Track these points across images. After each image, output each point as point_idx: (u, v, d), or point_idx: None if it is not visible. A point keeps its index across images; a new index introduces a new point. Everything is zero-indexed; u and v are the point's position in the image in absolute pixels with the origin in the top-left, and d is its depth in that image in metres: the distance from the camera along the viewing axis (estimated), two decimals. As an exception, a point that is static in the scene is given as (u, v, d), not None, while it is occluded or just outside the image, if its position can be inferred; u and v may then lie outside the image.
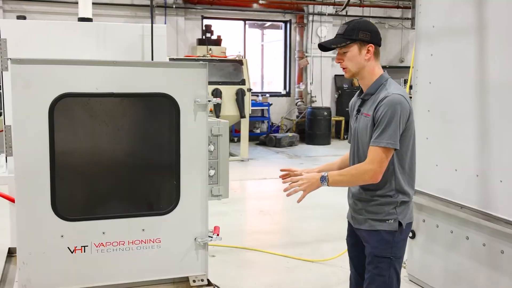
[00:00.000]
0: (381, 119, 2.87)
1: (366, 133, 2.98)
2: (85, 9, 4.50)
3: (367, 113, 2.99)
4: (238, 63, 11.96)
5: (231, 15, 15.21)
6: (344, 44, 2.97)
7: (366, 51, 2.98)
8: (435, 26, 4.60)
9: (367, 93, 3.04)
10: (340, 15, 15.86)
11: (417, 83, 4.83)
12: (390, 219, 3.00)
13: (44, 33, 4.06)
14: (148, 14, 14.06)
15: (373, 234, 3.03)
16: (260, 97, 14.94)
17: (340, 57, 3.03)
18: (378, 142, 2.86)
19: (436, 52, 4.61)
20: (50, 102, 2.66)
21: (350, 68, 3.02)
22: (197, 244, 3.00)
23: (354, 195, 3.14)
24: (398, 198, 3.01)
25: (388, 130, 2.85)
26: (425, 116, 4.71)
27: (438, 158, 4.54)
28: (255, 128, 15.25)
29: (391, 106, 2.86)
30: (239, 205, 8.01)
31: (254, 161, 11.88)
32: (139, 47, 4.30)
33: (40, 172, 2.69)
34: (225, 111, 11.51)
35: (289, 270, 5.37)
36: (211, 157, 3.11)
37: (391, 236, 3.00)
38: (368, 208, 3.04)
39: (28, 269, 2.75)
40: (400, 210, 3.01)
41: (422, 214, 4.78)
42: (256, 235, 6.63)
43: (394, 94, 2.89)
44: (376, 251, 3.02)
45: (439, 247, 4.60)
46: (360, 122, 3.06)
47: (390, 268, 3.02)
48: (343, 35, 2.97)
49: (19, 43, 3.90)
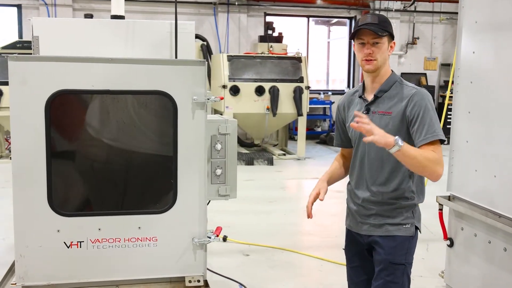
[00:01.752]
0: (421, 113, 2.72)
1: (388, 133, 2.68)
2: (118, 7, 4.56)
3: (388, 111, 2.82)
4: (296, 60, 11.83)
5: (294, 11, 15.07)
6: (381, 34, 2.77)
7: (390, 47, 2.88)
8: (478, 21, 4.31)
9: (381, 90, 2.87)
10: (409, 10, 15.37)
11: (458, 83, 4.55)
12: (407, 223, 2.88)
13: (75, 31, 4.14)
14: (211, 11, 14.21)
15: (389, 239, 2.88)
16: (322, 95, 14.74)
17: (371, 47, 2.79)
18: (436, 135, 2.70)
19: (478, 50, 4.32)
20: (46, 98, 2.70)
21: (379, 61, 2.82)
22: (195, 244, 2.95)
23: (365, 199, 2.95)
24: (415, 200, 2.90)
25: (435, 122, 2.73)
26: (465, 118, 4.43)
27: (477, 162, 4.26)
28: (316, 126, 15.06)
29: (426, 98, 2.77)
30: (285, 204, 7.91)
31: (310, 160, 11.73)
32: (167, 44, 4.29)
33: (37, 167, 2.73)
34: (282, 109, 11.43)
35: (322, 274, 5.23)
36: (218, 156, 3.06)
37: (407, 242, 2.89)
38: (385, 212, 2.89)
39: (25, 262, 2.81)
40: (416, 214, 2.92)
41: (461, 221, 4.50)
42: (295, 236, 6.52)
43: (421, 88, 2.83)
44: (391, 257, 2.87)
45: (477, 258, 4.31)
46: (375, 122, 2.76)
47: (404, 275, 2.90)
48: (379, 25, 2.77)
49: (51, 41, 3.99)
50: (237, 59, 11.67)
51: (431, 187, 5.70)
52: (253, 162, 11.01)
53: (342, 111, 3.07)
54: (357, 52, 2.86)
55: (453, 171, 4.56)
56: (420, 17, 15.79)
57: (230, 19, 14.19)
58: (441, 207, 4.61)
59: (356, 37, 2.82)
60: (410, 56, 15.74)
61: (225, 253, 5.65)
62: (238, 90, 11.24)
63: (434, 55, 16.01)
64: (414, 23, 15.68)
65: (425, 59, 15.93)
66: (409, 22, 15.62)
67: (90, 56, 2.80)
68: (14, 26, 13.73)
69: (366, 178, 2.94)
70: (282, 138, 13.22)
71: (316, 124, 15.10)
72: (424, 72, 15.86)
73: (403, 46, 15.61)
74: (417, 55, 15.88)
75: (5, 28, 13.88)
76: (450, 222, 4.65)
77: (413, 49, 15.80)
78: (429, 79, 15.84)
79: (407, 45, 15.64)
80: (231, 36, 14.28)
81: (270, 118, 11.44)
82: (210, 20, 14.21)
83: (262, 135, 12.43)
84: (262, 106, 11.37)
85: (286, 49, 12.86)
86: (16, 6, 13.55)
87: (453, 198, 4.57)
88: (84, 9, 13.44)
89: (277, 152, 12.11)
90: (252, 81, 11.43)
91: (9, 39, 12.04)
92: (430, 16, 15.82)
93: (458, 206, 4.45)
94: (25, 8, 13.51)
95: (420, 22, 15.82)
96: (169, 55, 4.18)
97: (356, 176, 3.00)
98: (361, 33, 2.79)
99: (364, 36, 2.79)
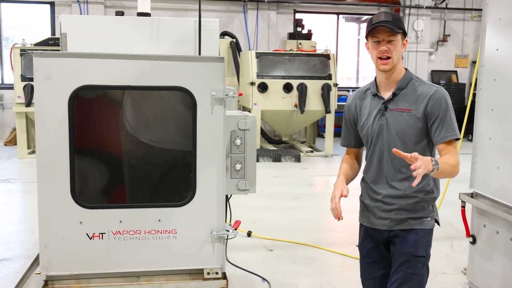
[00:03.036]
0: (444, 113, 2.81)
1: (409, 129, 2.83)
2: (144, 4, 4.63)
3: (408, 108, 2.84)
4: (325, 57, 11.81)
5: (323, 8, 15.03)
6: (397, 31, 2.79)
7: (403, 45, 2.88)
8: (502, 18, 4.27)
9: (399, 88, 2.89)
10: (440, 7, 15.18)
11: (482, 80, 4.53)
12: (428, 216, 2.95)
13: (102, 28, 4.22)
14: (241, 8, 14.28)
15: (411, 233, 2.94)
16: (350, 92, 14.67)
17: (386, 45, 2.81)
18: (456, 134, 2.82)
19: (502, 47, 4.29)
20: (70, 93, 2.79)
21: (394, 59, 2.83)
22: (213, 237, 3.02)
23: (386, 195, 2.96)
24: (434, 194, 2.96)
25: (454, 121, 2.83)
26: (488, 115, 4.41)
27: (500, 160, 4.23)
28: (344, 123, 15.00)
29: (445, 97, 2.84)
30: (311, 201, 7.92)
31: (338, 157, 11.69)
32: (192, 41, 4.35)
33: (60, 161, 2.83)
34: (309, 106, 11.44)
35: (344, 270, 5.25)
36: (238, 151, 3.12)
37: (428, 235, 2.97)
38: (407, 206, 2.93)
39: (49, 252, 2.91)
40: (435, 208, 2.99)
41: (483, 218, 4.48)
42: (319, 232, 6.53)
43: (440, 87, 2.87)
44: (414, 250, 2.93)
45: (499, 255, 4.29)
46: (394, 119, 2.86)
47: (424, 267, 2.96)
48: (393, 23, 2.78)
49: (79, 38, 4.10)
50: (265, 56, 11.72)
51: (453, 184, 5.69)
52: (280, 159, 11.05)
53: (353, 110, 3.07)
54: (372, 50, 2.86)
55: (476, 168, 4.53)
56: (451, 14, 15.55)
57: (259, 16, 14.25)
58: (464, 204, 4.60)
59: (371, 35, 2.83)
60: (441, 54, 15.52)
61: (249, 248, 5.71)
62: (266, 87, 11.29)
63: (465, 52, 15.76)
64: (445, 20, 15.46)
65: (456, 57, 15.69)
66: (440, 19, 15.40)
67: (112, 53, 2.89)
68: (47, 23, 14.04)
69: (386, 174, 2.96)
70: (310, 135, 13.22)
71: (344, 121, 15.04)
72: (455, 70, 15.63)
73: (433, 43, 15.40)
74: (448, 53, 15.65)
75: (39, 25, 14.20)
76: (473, 219, 4.63)
77: (444, 46, 15.58)
78: (460, 77, 15.61)
79: (438, 42, 15.43)
80: (260, 33, 14.33)
81: (298, 115, 11.46)
82: (240, 17, 14.28)
83: (290, 132, 12.46)
84: (290, 103, 11.40)
85: (315, 46, 12.84)
86: (49, 3, 13.85)
87: (476, 195, 4.55)
88: (115, 6, 13.65)
89: (305, 149, 12.12)
90: (280, 78, 11.46)
91: (43, 36, 12.31)
92: (461, 13, 15.57)
93: (481, 203, 4.43)
94: (58, 5, 13.80)
95: (451, 19, 15.59)
96: (193, 52, 4.24)
97: (373, 173, 3.03)
98: (376, 31, 2.81)
99: (379, 34, 2.80)
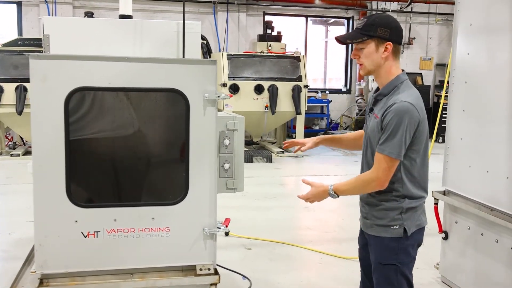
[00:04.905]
0: (387, 127, 2.78)
1: (374, 134, 2.90)
2: (125, 6, 4.67)
3: (377, 115, 2.90)
4: (295, 59, 11.99)
5: (292, 11, 15.23)
6: (361, 40, 2.85)
7: (384, 49, 2.84)
8: (473, 24, 4.49)
9: (380, 93, 2.94)
10: (405, 11, 15.54)
11: (454, 82, 4.74)
12: (395, 225, 2.90)
13: (85, 30, 4.26)
14: (211, 10, 14.35)
15: (377, 240, 2.97)
16: (319, 94, 14.90)
17: (357, 53, 2.91)
18: (383, 150, 2.79)
19: (473, 51, 4.50)
20: (65, 95, 2.85)
21: (366, 66, 2.90)
22: (205, 234, 3.11)
23: (362, 198, 3.09)
24: (404, 203, 2.90)
25: (393, 139, 2.76)
26: (460, 116, 4.62)
27: (471, 159, 4.45)
28: (313, 124, 15.22)
29: (398, 114, 2.75)
30: (285, 200, 8.07)
31: (308, 157, 11.89)
32: (174, 43, 4.42)
33: (56, 161, 2.88)
34: (280, 107, 11.60)
35: (321, 266, 5.40)
36: (227, 151, 3.22)
37: (395, 243, 2.91)
38: (374, 212, 2.98)
39: (44, 251, 2.95)
40: (406, 216, 2.91)
41: (455, 215, 4.69)
42: (295, 230, 6.69)
43: (403, 101, 2.77)
44: (381, 258, 2.96)
45: (470, 250, 4.50)
46: (370, 122, 2.98)
47: (397, 274, 2.92)
48: (361, 30, 2.85)
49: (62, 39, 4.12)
50: (236, 58, 11.82)
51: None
52: (252, 159, 11.17)
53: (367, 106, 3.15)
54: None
55: (448, 167, 4.74)
56: (416, 18, 15.97)
57: (229, 18, 14.34)
58: (437, 201, 4.80)
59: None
60: (407, 56, 15.91)
61: (227, 247, 5.80)
62: (238, 88, 11.40)
63: (429, 55, 16.20)
64: (411, 23, 15.86)
65: (420, 59, 16.12)
66: (406, 22, 15.78)
67: (107, 55, 2.96)
68: (13, 23, 13.80)
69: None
70: (281, 136, 13.38)
71: (314, 122, 15.27)
72: (420, 72, 16.05)
73: (399, 46, 15.76)
74: (413, 55, 16.07)
75: (5, 25, 13.96)
76: (445, 216, 4.83)
77: (409, 49, 15.99)
78: (424, 79, 16.03)
79: (404, 45, 15.81)
80: (230, 35, 14.43)
81: (269, 116, 11.60)
82: (210, 19, 14.35)
83: (261, 133, 12.60)
84: (261, 105, 11.53)
85: (285, 48, 13.01)
86: (16, 3, 13.64)
87: (448, 193, 4.76)
88: (84, 7, 13.55)
89: (276, 149, 12.27)
90: (252, 80, 11.59)
91: (9, 37, 12.11)
92: (426, 17, 16.01)
93: (453, 201, 4.63)
94: (25, 5, 13.60)
95: (416, 23, 16.00)
96: (176, 54, 4.32)
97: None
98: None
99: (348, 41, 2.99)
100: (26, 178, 7.36)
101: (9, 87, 10.45)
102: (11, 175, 9.45)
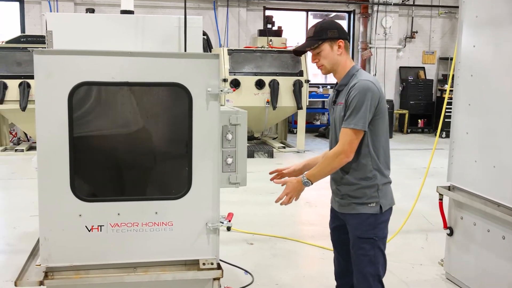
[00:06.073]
0: (351, 103, 3.07)
1: (340, 121, 3.17)
2: (127, 1, 4.66)
3: (341, 102, 3.19)
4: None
5: (293, 5, 15.19)
6: (317, 45, 3.18)
7: (338, 47, 3.19)
8: (478, 16, 4.43)
9: (341, 84, 3.25)
10: (407, 5, 15.51)
11: (459, 76, 4.68)
12: (372, 202, 3.19)
13: (87, 25, 4.24)
14: (211, 5, 14.31)
15: (355, 217, 3.23)
16: (320, 89, 14.88)
17: (315, 57, 3.25)
18: (348, 124, 3.07)
19: (478, 44, 4.45)
20: (69, 90, 2.83)
21: (326, 65, 3.23)
22: (208, 228, 3.10)
23: (336, 181, 3.31)
24: (377, 180, 3.19)
25: (357, 114, 3.04)
26: (465, 110, 4.57)
27: (477, 154, 4.40)
28: (314, 119, 15.21)
29: (361, 91, 3.06)
30: (287, 195, 8.04)
31: (310, 153, 11.88)
32: (176, 38, 4.40)
33: (60, 155, 2.87)
34: (281, 102, 11.58)
35: (323, 262, 5.38)
36: (229, 145, 3.20)
37: (373, 218, 3.20)
38: (351, 192, 3.23)
39: (49, 244, 2.95)
40: (382, 193, 3.21)
41: (461, 211, 4.65)
42: (296, 225, 6.68)
43: (363, 80, 3.11)
44: (359, 233, 3.23)
45: (476, 246, 4.46)
46: (336, 112, 3.26)
47: (374, 248, 3.22)
48: (313, 37, 3.19)
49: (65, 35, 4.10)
50: (237, 53, 11.80)
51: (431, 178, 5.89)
52: (253, 154, 11.16)
53: (329, 106, 3.50)
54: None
55: (453, 162, 4.69)
56: (419, 11, 15.91)
57: (229, 13, 14.30)
58: (441, 197, 4.76)
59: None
60: (409, 50, 15.88)
61: (230, 242, 5.80)
62: (239, 83, 11.38)
63: (432, 49, 16.15)
64: (413, 16, 15.80)
65: (423, 53, 16.07)
66: (408, 16, 15.75)
67: (111, 50, 2.93)
68: (16, 21, 13.79)
69: None
70: (282, 131, 13.37)
71: (315, 117, 15.26)
72: (423, 66, 16.01)
73: (401, 40, 15.73)
74: (416, 49, 16.02)
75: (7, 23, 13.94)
76: (450, 212, 4.79)
77: (412, 43, 15.94)
78: (427, 73, 15.99)
79: (406, 39, 15.78)
80: (230, 30, 14.39)
81: (270, 111, 11.58)
82: (210, 14, 14.32)
83: (262, 128, 12.58)
84: (262, 100, 11.52)
85: (286, 43, 12.97)
86: (18, 0, 13.62)
87: (453, 188, 4.71)
88: (85, 4, 13.54)
89: (277, 145, 12.26)
90: (252, 75, 11.57)
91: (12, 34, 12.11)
92: (428, 10, 15.95)
93: (458, 196, 4.58)
94: (27, 3, 13.60)
95: (418, 16, 15.95)
96: (177, 48, 4.30)
97: None
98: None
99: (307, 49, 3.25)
100: (30, 173, 7.40)
101: (12, 83, 10.58)
102: (16, 170, 9.52)
